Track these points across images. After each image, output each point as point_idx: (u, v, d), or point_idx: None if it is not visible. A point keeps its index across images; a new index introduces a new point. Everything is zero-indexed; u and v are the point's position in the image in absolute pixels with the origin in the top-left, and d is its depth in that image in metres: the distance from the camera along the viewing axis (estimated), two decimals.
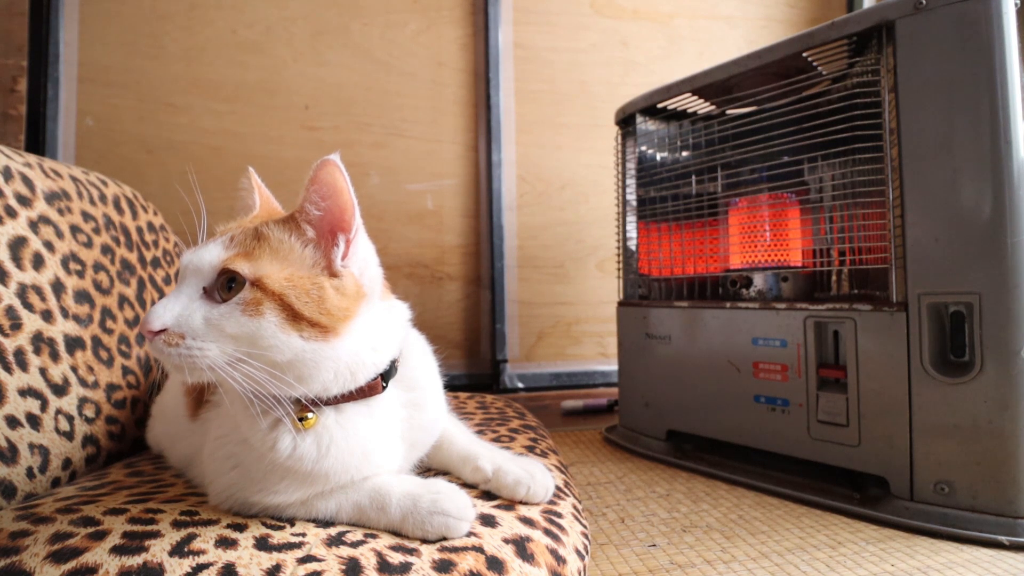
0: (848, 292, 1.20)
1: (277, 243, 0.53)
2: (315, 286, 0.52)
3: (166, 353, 0.48)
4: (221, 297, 0.50)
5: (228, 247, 0.52)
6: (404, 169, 1.84)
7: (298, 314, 0.50)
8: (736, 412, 1.22)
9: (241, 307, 0.49)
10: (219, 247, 0.51)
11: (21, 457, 0.68)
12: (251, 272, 0.50)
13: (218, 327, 0.49)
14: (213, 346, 0.48)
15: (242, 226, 0.55)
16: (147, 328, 0.48)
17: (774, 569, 0.82)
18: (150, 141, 1.67)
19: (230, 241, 0.52)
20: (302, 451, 0.53)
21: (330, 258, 0.54)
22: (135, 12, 1.67)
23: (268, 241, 0.53)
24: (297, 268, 0.52)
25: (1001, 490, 0.89)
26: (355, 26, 1.81)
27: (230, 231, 0.54)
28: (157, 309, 0.49)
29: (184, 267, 0.51)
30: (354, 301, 0.55)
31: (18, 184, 0.80)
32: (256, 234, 0.53)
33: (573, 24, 1.98)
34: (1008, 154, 0.89)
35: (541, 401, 1.80)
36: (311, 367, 0.52)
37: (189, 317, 0.49)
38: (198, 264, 0.50)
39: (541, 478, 0.64)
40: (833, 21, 1.07)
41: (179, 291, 0.50)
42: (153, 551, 0.47)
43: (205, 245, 0.52)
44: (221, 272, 0.50)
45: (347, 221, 0.54)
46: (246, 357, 0.49)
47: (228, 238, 0.52)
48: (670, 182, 1.41)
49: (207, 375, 0.49)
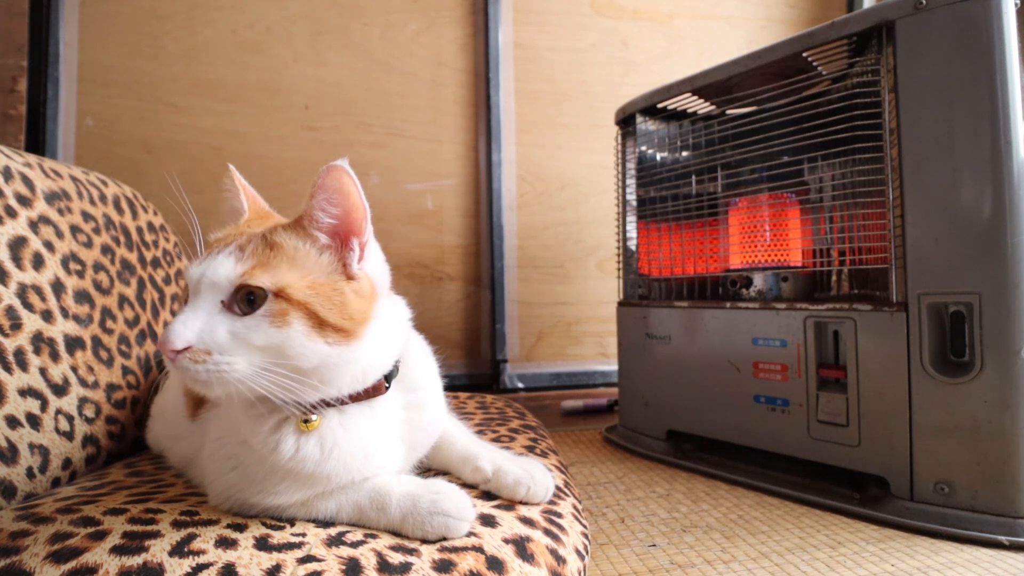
0: (848, 292, 1.20)
1: (293, 251, 0.52)
2: (336, 291, 0.52)
3: (193, 370, 0.47)
4: (241, 310, 0.49)
5: (242, 259, 0.50)
6: (404, 169, 1.84)
7: (323, 321, 0.50)
8: (736, 412, 1.22)
9: (268, 319, 0.49)
10: (232, 259, 0.50)
11: (21, 457, 0.68)
12: (273, 284, 0.49)
13: (245, 340, 0.48)
14: (241, 359, 0.48)
15: (244, 233, 0.54)
16: (169, 347, 0.47)
17: (774, 569, 0.82)
18: (150, 141, 1.67)
19: (240, 252, 0.51)
20: (304, 453, 0.53)
21: (346, 262, 0.54)
22: (135, 12, 1.67)
23: (283, 250, 0.52)
24: (317, 275, 0.52)
25: (1001, 490, 0.89)
26: (355, 26, 1.81)
27: (233, 239, 0.53)
28: (176, 327, 0.47)
29: (197, 281, 0.50)
30: (370, 302, 0.55)
31: (18, 184, 0.80)
32: (268, 243, 0.52)
33: (573, 24, 1.98)
34: (1008, 154, 0.89)
35: (541, 401, 1.80)
36: (334, 371, 0.52)
37: (212, 332, 0.48)
38: (214, 279, 0.49)
39: (541, 478, 0.64)
40: (833, 21, 1.08)
41: (195, 306, 0.49)
42: (153, 551, 0.47)
43: (214, 257, 0.50)
44: (241, 286, 0.49)
45: (360, 225, 0.54)
46: (272, 366, 0.49)
47: (237, 248, 0.51)
48: (670, 182, 1.41)
49: (235, 388, 0.49)
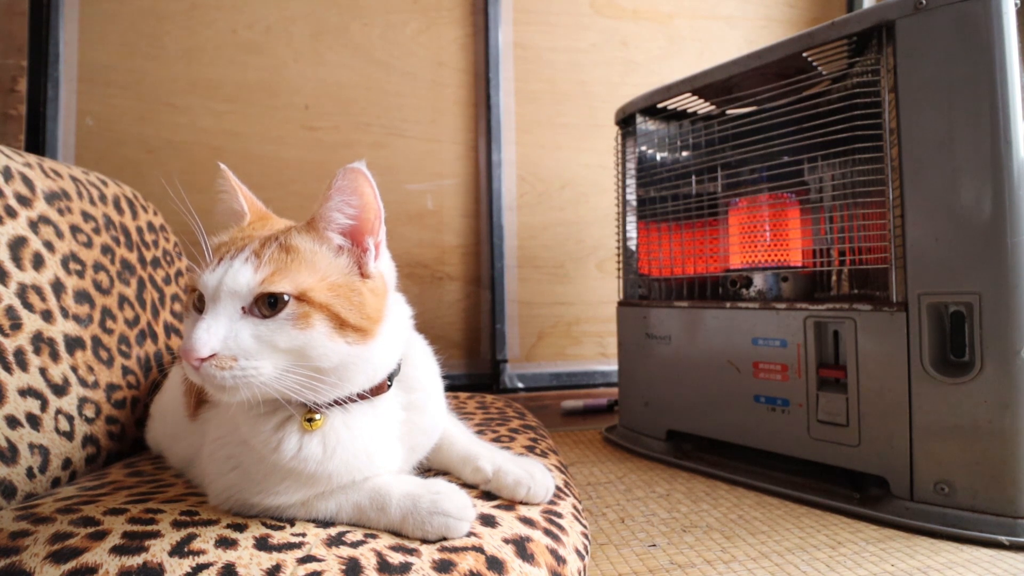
0: (848, 292, 1.20)
1: (310, 254, 0.53)
2: (355, 292, 0.53)
3: (220, 377, 0.48)
4: (263, 313, 0.50)
5: (260, 266, 0.50)
6: (404, 169, 1.84)
7: (344, 321, 0.52)
8: (736, 412, 1.22)
9: (291, 321, 0.50)
10: (250, 267, 0.50)
11: (21, 457, 0.68)
12: (295, 288, 0.50)
13: (270, 343, 0.49)
14: (266, 363, 0.49)
15: (251, 237, 0.54)
16: (194, 355, 0.47)
17: (774, 569, 0.82)
18: (150, 141, 1.67)
19: (257, 258, 0.51)
20: (307, 452, 0.54)
21: (362, 262, 0.55)
22: (135, 12, 1.67)
23: (300, 253, 0.53)
24: (335, 276, 0.53)
25: (1001, 490, 0.89)
26: (355, 26, 1.81)
27: (243, 243, 0.53)
28: (200, 335, 0.48)
29: (215, 289, 0.50)
30: (384, 301, 0.57)
31: (18, 184, 0.80)
32: (285, 247, 0.53)
33: (573, 24, 1.98)
34: (1008, 154, 0.89)
35: (541, 401, 1.80)
36: (352, 370, 0.54)
37: (236, 338, 0.49)
38: (234, 287, 0.49)
39: (541, 478, 0.64)
40: (833, 21, 1.07)
41: (216, 313, 0.49)
42: (153, 551, 0.47)
43: (230, 264, 0.50)
44: (262, 293, 0.50)
45: (375, 225, 0.55)
46: (294, 368, 0.50)
47: (253, 254, 0.51)
48: (670, 182, 1.41)
49: (259, 391, 0.49)
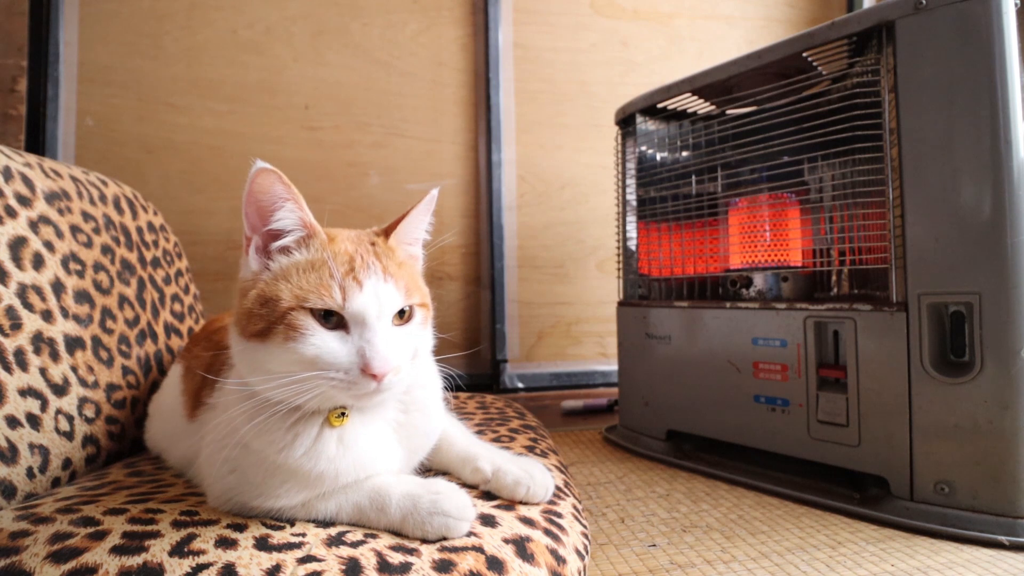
0: (848, 292, 1.20)
1: (412, 265, 0.63)
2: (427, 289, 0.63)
3: (396, 383, 0.54)
4: (398, 320, 0.57)
5: (398, 285, 0.56)
6: (404, 169, 1.84)
7: (428, 315, 0.62)
8: (736, 412, 1.22)
9: (420, 324, 0.59)
10: (391, 286, 0.56)
11: (21, 457, 0.68)
12: (421, 297, 0.60)
13: (410, 346, 0.57)
14: (408, 364, 0.56)
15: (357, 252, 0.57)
16: (387, 368, 0.51)
17: (774, 569, 0.82)
18: (150, 141, 1.67)
19: (388, 275, 0.56)
20: (321, 448, 0.54)
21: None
22: (135, 12, 1.67)
23: (407, 266, 0.61)
24: (421, 279, 0.64)
25: (1001, 490, 0.89)
26: (355, 26, 1.81)
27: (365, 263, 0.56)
28: (383, 350, 0.52)
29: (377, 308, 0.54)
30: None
31: (18, 184, 0.80)
32: (398, 263, 0.60)
33: (573, 24, 1.98)
34: (1008, 154, 0.89)
35: (541, 401, 1.80)
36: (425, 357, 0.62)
37: (400, 348, 0.55)
38: (391, 306, 0.55)
39: (541, 478, 0.64)
40: (833, 21, 1.07)
41: (377, 329, 0.53)
42: (153, 551, 0.47)
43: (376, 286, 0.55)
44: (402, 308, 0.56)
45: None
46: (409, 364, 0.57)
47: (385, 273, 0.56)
48: (670, 182, 1.41)
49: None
